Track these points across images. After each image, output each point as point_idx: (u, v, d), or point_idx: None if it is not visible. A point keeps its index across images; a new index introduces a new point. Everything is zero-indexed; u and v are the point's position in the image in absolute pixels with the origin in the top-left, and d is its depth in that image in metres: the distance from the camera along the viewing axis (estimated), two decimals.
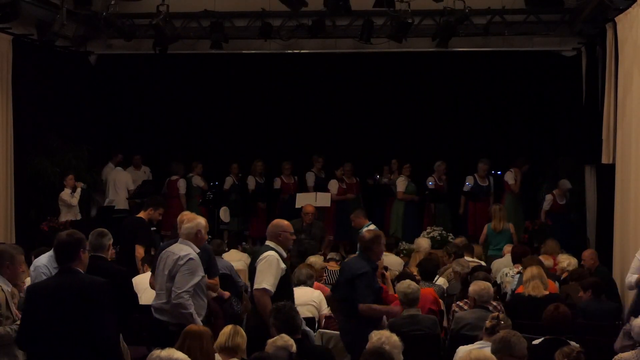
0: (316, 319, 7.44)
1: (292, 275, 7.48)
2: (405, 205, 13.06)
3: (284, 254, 6.53)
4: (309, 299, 7.55)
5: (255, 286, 6.29)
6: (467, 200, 12.89)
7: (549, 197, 12.09)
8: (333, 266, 9.33)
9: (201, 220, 6.60)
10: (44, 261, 7.21)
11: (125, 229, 8.90)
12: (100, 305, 4.97)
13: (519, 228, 11.73)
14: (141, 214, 8.89)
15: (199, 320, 6.19)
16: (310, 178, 13.47)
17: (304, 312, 7.31)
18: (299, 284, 7.64)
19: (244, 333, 5.59)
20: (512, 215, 12.11)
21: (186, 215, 7.04)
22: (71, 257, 5.11)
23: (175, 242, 6.55)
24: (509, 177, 12.75)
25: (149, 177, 13.70)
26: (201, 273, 6.39)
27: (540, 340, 5.87)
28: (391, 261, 9.78)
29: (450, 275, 8.89)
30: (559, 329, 5.87)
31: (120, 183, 13.05)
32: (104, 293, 5.04)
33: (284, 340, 5.38)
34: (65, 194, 11.69)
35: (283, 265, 6.39)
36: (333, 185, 13.22)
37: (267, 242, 6.55)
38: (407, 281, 7.19)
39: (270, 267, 6.30)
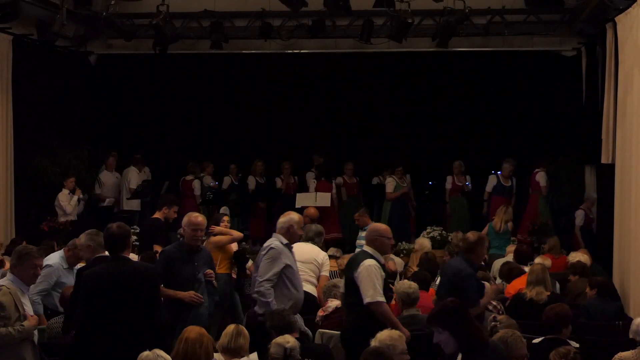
0: (317, 278, 7.63)
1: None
2: (392, 206, 13.02)
3: (382, 260, 6.40)
4: (312, 257, 7.66)
5: (368, 300, 6.09)
6: (489, 200, 12.76)
7: (579, 212, 11.74)
8: (332, 266, 9.27)
9: (294, 216, 6.74)
10: (56, 260, 7.25)
11: (142, 232, 8.93)
12: (153, 289, 5.51)
13: None
14: (157, 214, 8.81)
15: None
16: (310, 178, 13.48)
17: (305, 270, 7.50)
18: (307, 240, 7.80)
19: (246, 333, 5.60)
20: (545, 215, 12.07)
21: (192, 215, 7.00)
22: (122, 247, 5.59)
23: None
24: (541, 178, 12.45)
25: (149, 177, 13.67)
26: (284, 262, 6.48)
27: (540, 339, 5.87)
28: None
29: None
30: (559, 328, 5.85)
31: (131, 183, 13.05)
32: (155, 278, 5.60)
33: (284, 339, 5.40)
34: (63, 194, 11.61)
35: (382, 273, 6.27)
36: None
37: (365, 248, 6.43)
38: (407, 281, 7.20)
39: (371, 276, 6.13)
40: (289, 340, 5.39)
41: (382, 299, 6.10)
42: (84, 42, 13.02)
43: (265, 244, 6.62)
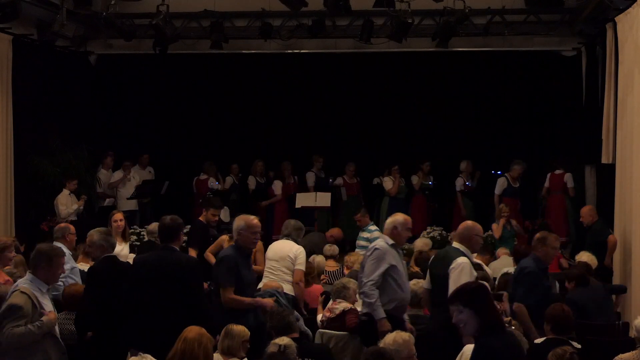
0: (291, 272, 7.58)
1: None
2: (389, 205, 13.01)
3: (472, 258, 6.41)
4: (285, 253, 7.66)
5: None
6: (500, 201, 12.71)
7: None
8: (331, 266, 9.27)
9: (399, 217, 6.73)
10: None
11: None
12: (196, 280, 5.90)
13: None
14: (201, 217, 9.37)
15: (381, 311, 6.31)
16: (310, 178, 13.47)
17: (280, 268, 7.52)
18: (284, 237, 7.86)
19: (238, 334, 5.60)
20: (572, 217, 12.02)
21: (249, 218, 6.72)
22: (172, 238, 6.07)
23: None
24: (569, 179, 12.29)
25: (153, 177, 13.65)
26: (389, 262, 6.48)
27: (542, 339, 5.87)
28: None
29: None
30: (561, 329, 5.85)
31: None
32: (198, 268, 6.00)
33: (281, 339, 5.41)
34: (64, 195, 11.54)
35: (475, 273, 6.29)
36: (277, 185, 13.33)
37: (456, 245, 6.45)
38: (415, 280, 7.20)
39: (463, 275, 6.15)
40: (284, 339, 5.40)
41: None
42: (84, 42, 13.03)
43: (371, 245, 6.68)
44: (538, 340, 5.90)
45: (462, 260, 6.18)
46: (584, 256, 8.52)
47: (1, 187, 10.83)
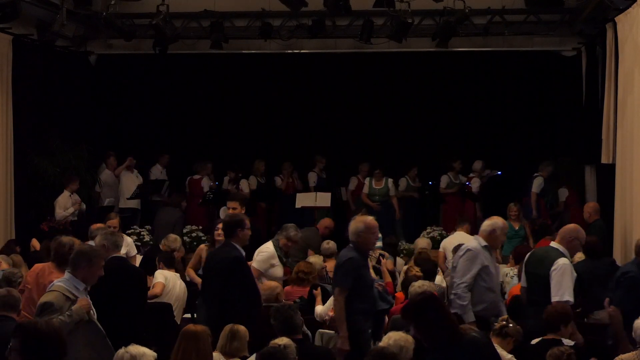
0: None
1: None
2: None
3: (570, 259, 6.49)
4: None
5: (557, 298, 6.20)
6: (537, 200, 12.56)
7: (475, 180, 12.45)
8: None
9: (498, 221, 6.76)
10: None
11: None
12: (245, 275, 6.43)
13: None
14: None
15: (471, 314, 6.36)
16: (312, 178, 13.46)
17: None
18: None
19: (245, 333, 5.60)
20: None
21: (369, 219, 6.57)
22: (229, 234, 6.53)
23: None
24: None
25: (141, 182, 13.47)
26: (481, 263, 6.51)
27: (538, 340, 5.86)
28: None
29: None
30: (558, 326, 5.84)
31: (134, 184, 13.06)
32: (240, 264, 6.44)
33: (280, 340, 5.39)
34: (64, 197, 11.42)
35: (575, 274, 6.37)
36: (277, 181, 13.41)
37: (555, 244, 6.52)
38: (421, 281, 7.18)
39: (565, 276, 6.24)
40: (283, 339, 5.39)
41: (570, 298, 6.19)
42: (84, 42, 13.02)
43: (463, 246, 6.68)
44: (534, 341, 5.89)
45: (563, 261, 6.29)
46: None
47: (1, 187, 10.82)
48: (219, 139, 14.33)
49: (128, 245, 8.99)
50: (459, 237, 9.72)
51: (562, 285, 6.18)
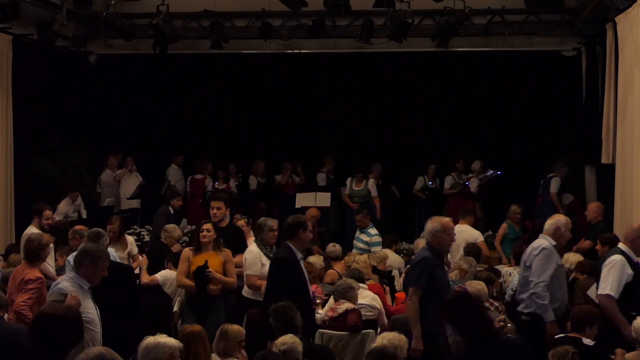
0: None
1: None
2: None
3: (634, 258, 6.52)
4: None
5: (600, 291, 6.36)
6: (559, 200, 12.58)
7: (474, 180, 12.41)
8: (340, 270, 9.06)
9: (561, 218, 6.80)
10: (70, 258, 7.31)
11: (225, 239, 8.81)
12: (277, 275, 6.48)
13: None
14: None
15: (550, 313, 6.36)
16: (320, 178, 13.43)
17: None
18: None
19: (233, 334, 5.59)
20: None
21: (445, 220, 6.54)
22: (290, 235, 6.63)
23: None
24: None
25: (141, 181, 13.46)
26: (556, 262, 6.55)
27: (561, 336, 5.92)
28: (393, 259, 9.88)
29: (456, 275, 8.86)
30: (583, 327, 5.89)
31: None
32: (282, 266, 6.50)
33: (283, 339, 5.39)
34: (63, 204, 11.32)
35: (630, 271, 6.39)
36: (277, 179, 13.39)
37: (622, 246, 6.60)
38: None
39: (612, 271, 6.34)
40: (287, 340, 5.38)
41: (613, 293, 6.25)
42: (84, 42, 13.02)
43: (535, 244, 6.68)
44: (557, 336, 5.95)
45: (615, 257, 6.40)
46: (572, 256, 8.54)
47: (1, 187, 10.83)
48: (219, 138, 14.33)
49: (130, 244, 9.04)
50: (464, 229, 9.73)
51: (607, 279, 6.28)
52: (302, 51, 13.22)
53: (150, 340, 4.64)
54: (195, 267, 7.26)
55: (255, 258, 7.54)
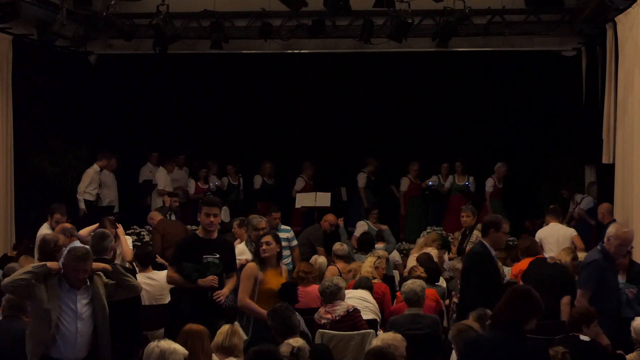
0: None
1: None
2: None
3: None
4: None
5: None
6: None
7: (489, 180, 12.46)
8: (343, 270, 8.98)
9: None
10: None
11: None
12: (466, 269, 6.83)
13: None
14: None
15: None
16: (361, 179, 13.37)
17: None
18: None
19: (241, 333, 5.59)
20: None
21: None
22: (485, 233, 6.77)
23: None
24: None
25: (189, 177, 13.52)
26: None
27: (560, 337, 5.96)
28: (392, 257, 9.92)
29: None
30: (579, 326, 5.96)
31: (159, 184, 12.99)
32: (475, 261, 6.69)
33: (295, 340, 5.40)
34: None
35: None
36: (299, 182, 13.35)
37: None
38: (417, 280, 7.19)
39: None
40: (298, 341, 5.38)
41: None
42: (84, 42, 12.99)
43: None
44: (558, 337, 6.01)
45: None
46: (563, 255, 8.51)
47: (1, 187, 10.82)
48: (219, 138, 14.33)
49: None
50: (556, 227, 9.72)
51: None
52: (302, 51, 13.22)
53: (163, 344, 4.73)
54: (268, 287, 6.70)
55: (239, 253, 7.60)
